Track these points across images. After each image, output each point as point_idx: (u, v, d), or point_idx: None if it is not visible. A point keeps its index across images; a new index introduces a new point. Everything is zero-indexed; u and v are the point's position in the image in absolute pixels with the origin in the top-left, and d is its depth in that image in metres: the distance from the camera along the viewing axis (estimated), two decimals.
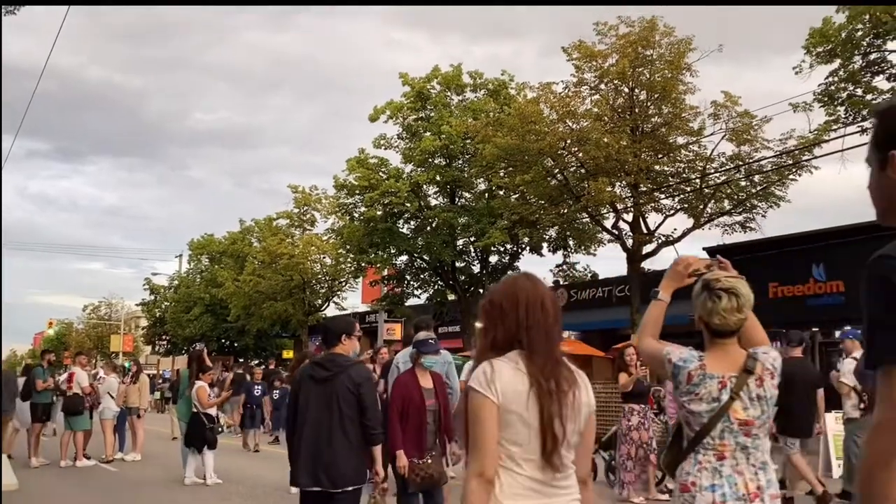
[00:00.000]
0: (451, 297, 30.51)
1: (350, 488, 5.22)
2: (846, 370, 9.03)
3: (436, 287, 30.73)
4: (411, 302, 32.22)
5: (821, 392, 8.82)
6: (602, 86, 22.01)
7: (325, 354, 5.57)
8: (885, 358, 1.67)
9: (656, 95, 21.32)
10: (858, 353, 8.77)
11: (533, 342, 2.45)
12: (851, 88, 17.11)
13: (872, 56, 16.78)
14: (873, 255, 1.87)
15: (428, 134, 28.21)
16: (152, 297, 54.64)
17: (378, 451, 5.39)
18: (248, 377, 18.09)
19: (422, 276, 30.94)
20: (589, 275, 28.71)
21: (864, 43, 16.52)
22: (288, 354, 44.33)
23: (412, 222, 30.02)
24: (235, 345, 48.42)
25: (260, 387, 17.14)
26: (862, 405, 8.82)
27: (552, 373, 2.43)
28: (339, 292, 39.68)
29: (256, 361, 36.32)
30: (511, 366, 2.42)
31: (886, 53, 16.76)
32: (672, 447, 3.26)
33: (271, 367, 26.02)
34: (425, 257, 29.38)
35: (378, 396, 7.16)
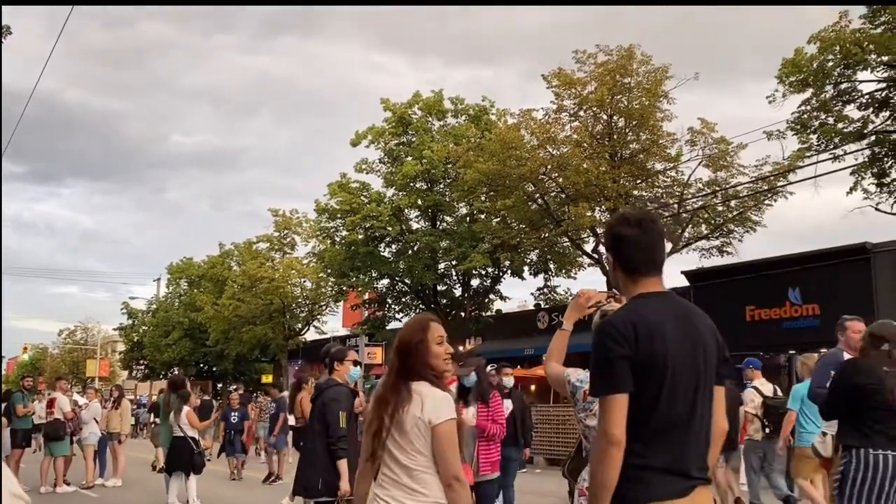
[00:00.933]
0: None
1: (323, 499, 5.58)
2: (748, 399, 9.56)
3: (417, 310, 30.78)
4: (392, 326, 32.23)
5: (741, 410, 9.42)
6: (581, 113, 22.41)
7: (323, 378, 6.16)
8: (597, 393, 2.61)
9: (634, 122, 21.73)
10: (759, 382, 9.70)
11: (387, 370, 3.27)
12: (823, 117, 17.58)
13: (843, 86, 17.27)
14: (606, 318, 2.78)
15: (409, 159, 28.43)
16: (130, 322, 54.14)
17: (342, 465, 5.59)
18: (214, 403, 18.11)
19: (403, 299, 31.00)
20: (570, 298, 28.90)
21: (836, 73, 17.01)
22: (267, 379, 44.08)
23: (394, 246, 30.14)
24: (214, 369, 48.06)
25: (237, 413, 17.04)
26: (766, 429, 9.33)
27: (381, 395, 3.16)
28: (319, 316, 39.63)
29: (235, 386, 36.06)
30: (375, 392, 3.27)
31: (857, 83, 17.26)
32: (575, 457, 3.77)
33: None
34: (407, 281, 29.49)
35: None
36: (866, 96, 17.20)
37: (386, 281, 30.44)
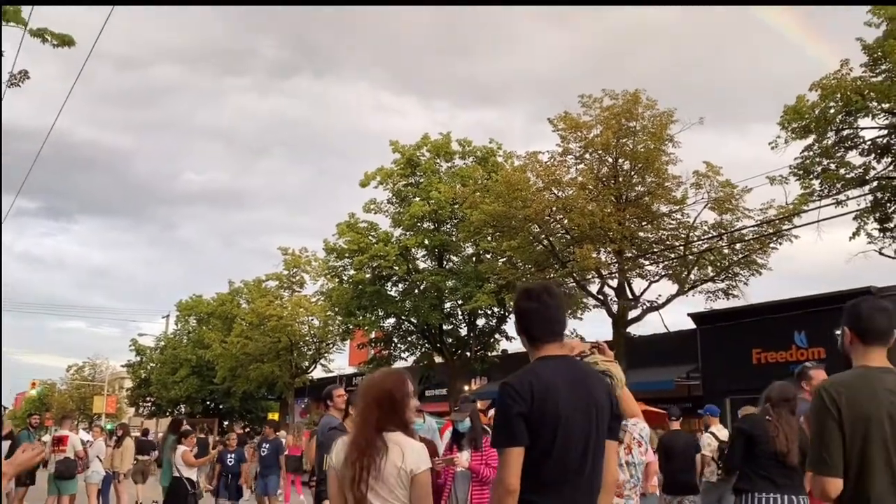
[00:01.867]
0: (439, 360, 30.61)
1: None
2: (705, 443, 9.95)
3: (423, 350, 30.83)
4: (398, 364, 32.24)
5: (698, 456, 9.97)
6: (587, 155, 22.63)
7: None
8: (496, 446, 2.95)
9: (640, 165, 21.92)
10: (716, 427, 10.18)
11: (354, 424, 3.40)
12: (826, 163, 17.73)
13: (845, 132, 17.44)
14: (507, 379, 3.03)
15: (417, 199, 28.72)
16: (138, 358, 54.24)
17: None
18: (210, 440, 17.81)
19: (409, 338, 31.06)
20: (576, 338, 28.85)
21: (837, 120, 17.19)
22: (273, 416, 43.95)
23: (400, 285, 30.29)
24: (221, 407, 47.99)
25: (234, 455, 16.66)
26: (720, 472, 9.63)
27: (358, 445, 3.20)
28: (326, 354, 39.65)
29: (243, 424, 35.99)
30: (344, 441, 3.29)
31: (858, 130, 17.43)
32: None
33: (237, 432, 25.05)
34: (413, 320, 29.57)
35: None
36: (868, 142, 17.35)
37: (392, 320, 30.54)
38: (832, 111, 17.07)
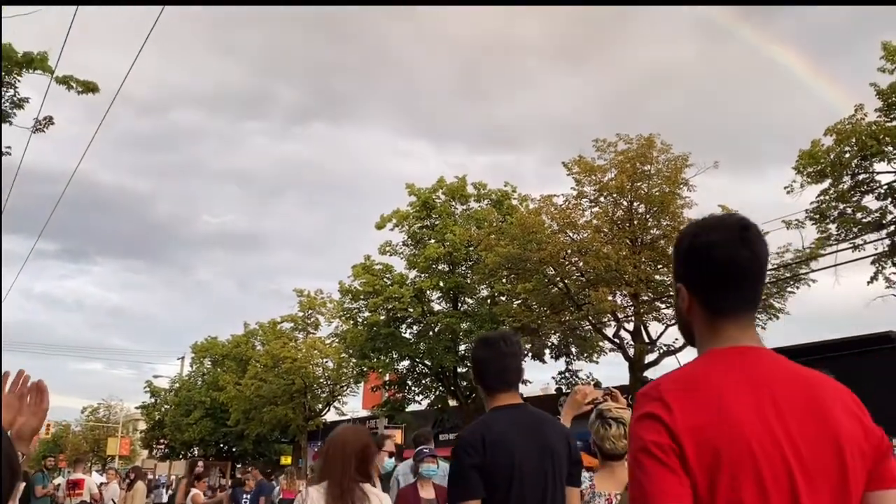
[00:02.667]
0: (453, 403, 30.38)
1: None
2: None
3: (437, 393, 30.64)
4: (412, 408, 32.05)
5: None
6: (601, 199, 22.70)
7: None
8: (453, 500, 2.90)
9: (655, 209, 21.94)
10: None
11: (330, 474, 3.47)
12: (842, 207, 17.68)
13: (861, 177, 17.43)
14: (462, 432, 3.07)
15: (432, 241, 28.82)
16: (153, 400, 54.20)
17: None
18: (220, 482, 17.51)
19: (423, 381, 30.89)
20: (591, 382, 28.62)
21: (853, 164, 17.19)
22: (286, 460, 43.61)
23: (415, 327, 30.23)
24: (234, 450, 47.69)
25: (249, 496, 16.47)
26: None
27: (340, 495, 3.34)
28: (339, 397, 39.46)
29: (250, 468, 35.64)
30: (319, 492, 3.39)
31: (874, 174, 17.41)
32: None
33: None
34: (427, 362, 29.44)
35: None
36: (884, 187, 17.32)
37: (406, 362, 30.44)
38: (847, 156, 17.09)
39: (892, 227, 17.18)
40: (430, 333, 29.01)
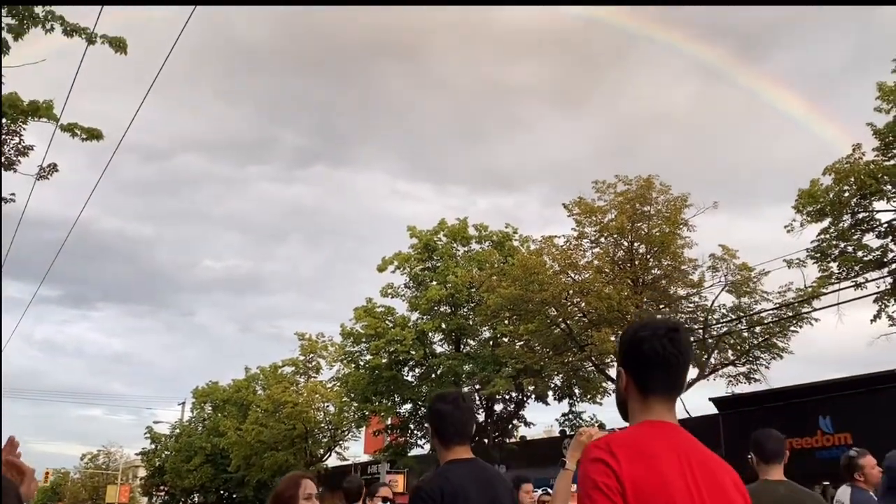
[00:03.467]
0: None
1: None
2: None
3: None
4: (415, 452, 31.71)
5: None
6: (602, 239, 22.78)
7: None
8: None
9: (655, 249, 22.00)
10: None
11: None
12: (843, 246, 17.71)
13: (861, 215, 17.49)
14: (419, 482, 3.28)
15: (434, 283, 28.83)
16: (153, 446, 53.71)
17: None
18: None
19: (426, 425, 30.60)
20: (595, 424, 28.36)
21: (852, 203, 17.27)
22: None
23: (417, 370, 30.08)
24: (234, 496, 47.11)
25: None
26: None
27: None
28: (341, 442, 39.09)
29: None
30: None
31: (874, 213, 17.48)
32: None
33: None
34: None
35: None
36: (884, 225, 17.37)
37: (409, 406, 30.21)
38: (847, 195, 17.18)
39: (893, 266, 17.19)
40: (433, 376, 28.85)
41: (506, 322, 25.87)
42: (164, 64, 9.74)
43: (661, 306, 22.49)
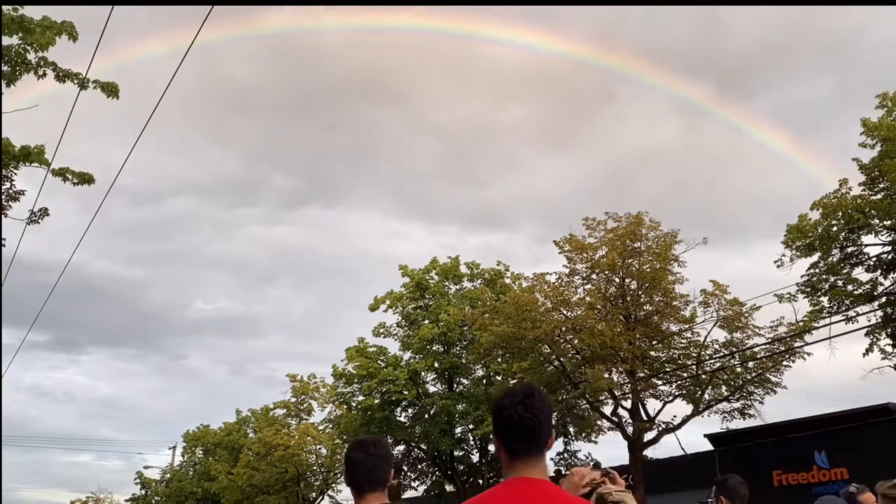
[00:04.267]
0: (450, 488, 29.72)
1: None
2: None
3: (434, 478, 30.01)
4: (409, 494, 31.31)
5: None
6: (594, 276, 22.83)
7: None
8: None
9: (647, 285, 22.04)
10: None
11: None
12: (833, 280, 17.82)
13: (849, 249, 17.63)
14: None
15: (426, 322, 28.75)
16: (143, 492, 52.88)
17: None
18: None
19: (419, 466, 30.31)
20: (591, 463, 27.99)
21: (841, 237, 17.42)
22: None
23: (410, 410, 29.85)
24: None
25: None
26: None
27: None
28: (333, 485, 38.56)
29: None
30: None
31: (862, 246, 17.62)
32: None
33: None
34: (423, 446, 28.95)
35: None
36: (873, 259, 17.50)
37: (402, 447, 29.92)
38: (835, 229, 17.33)
39: (883, 299, 17.28)
40: (426, 416, 28.63)
41: (499, 360, 25.76)
42: (156, 108, 9.81)
43: (653, 342, 22.46)
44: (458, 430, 28.61)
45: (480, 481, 28.40)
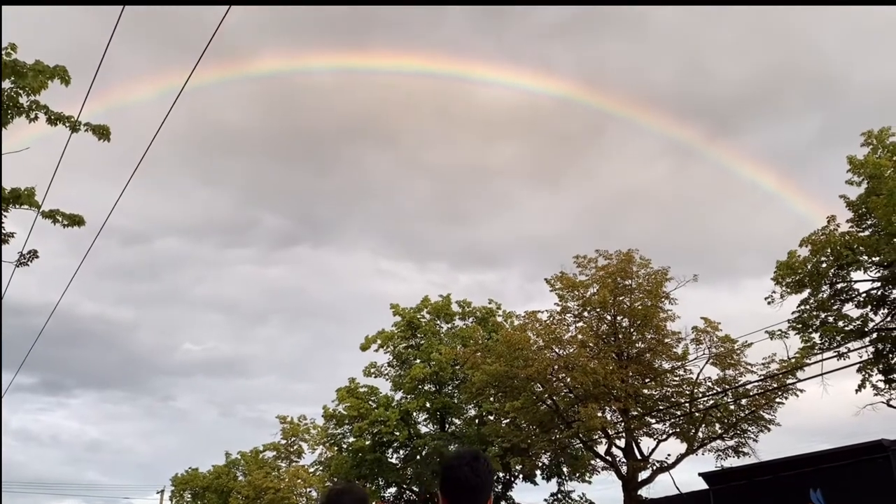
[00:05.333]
0: None
1: None
2: None
3: None
4: None
5: None
6: (585, 313, 22.83)
7: None
8: None
9: (638, 322, 22.06)
10: None
11: None
12: (823, 316, 17.86)
13: (839, 285, 17.70)
14: None
15: (418, 361, 28.61)
16: None
17: None
18: None
19: None
20: None
21: (830, 274, 17.50)
22: None
23: (402, 451, 29.54)
24: None
25: None
26: None
27: None
28: None
29: None
30: None
31: (852, 283, 17.70)
32: None
33: None
34: (415, 488, 28.58)
35: None
36: (863, 295, 17.57)
37: (394, 489, 29.56)
38: (824, 265, 17.42)
39: (874, 335, 17.30)
40: (418, 458, 28.32)
41: (491, 399, 25.59)
42: (147, 151, 9.84)
43: (646, 380, 22.40)
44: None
45: None
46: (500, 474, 27.74)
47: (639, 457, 22.28)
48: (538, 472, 27.08)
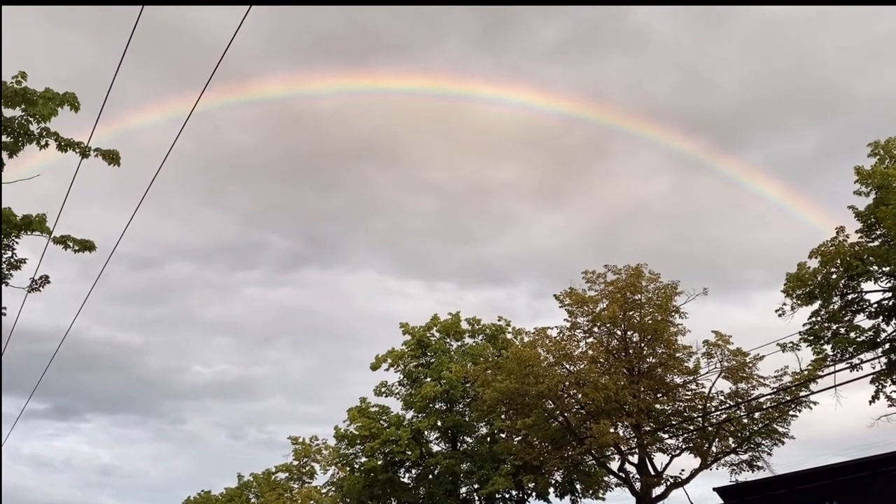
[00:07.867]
0: None
1: None
2: None
3: None
4: None
5: None
6: (595, 329, 22.77)
7: None
8: None
9: (649, 336, 21.98)
10: None
11: None
12: (835, 327, 17.76)
13: (850, 296, 17.61)
14: None
15: (428, 380, 28.52)
16: None
17: None
18: None
19: None
20: None
21: (841, 285, 17.42)
22: None
23: (414, 471, 29.41)
24: None
25: None
26: None
27: None
28: None
29: None
30: None
31: (863, 293, 17.61)
32: None
33: None
34: None
35: None
36: (874, 305, 17.48)
37: None
38: (834, 276, 17.35)
39: (887, 345, 17.19)
40: (430, 477, 28.19)
41: (502, 417, 25.50)
42: (156, 176, 9.92)
43: (658, 395, 22.30)
44: (463, 489, 28.13)
45: None
46: (513, 492, 27.58)
47: (652, 472, 22.12)
48: (551, 490, 26.86)
